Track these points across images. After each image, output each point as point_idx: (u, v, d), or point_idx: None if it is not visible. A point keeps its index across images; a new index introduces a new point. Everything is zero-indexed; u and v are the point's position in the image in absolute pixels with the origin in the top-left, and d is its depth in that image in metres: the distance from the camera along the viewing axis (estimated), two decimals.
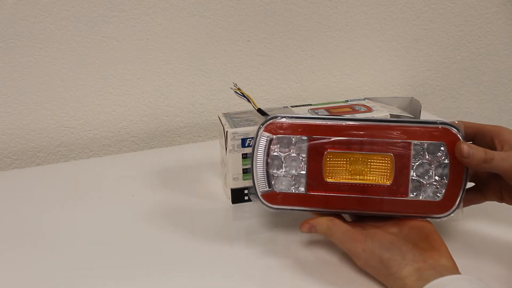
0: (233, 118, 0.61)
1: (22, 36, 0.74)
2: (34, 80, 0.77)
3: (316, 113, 0.60)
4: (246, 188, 0.61)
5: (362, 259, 0.47)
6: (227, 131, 0.57)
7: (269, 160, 0.50)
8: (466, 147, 0.47)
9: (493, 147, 0.49)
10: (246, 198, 0.61)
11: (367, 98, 0.68)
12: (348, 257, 0.50)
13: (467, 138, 0.51)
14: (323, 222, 0.50)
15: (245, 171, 0.60)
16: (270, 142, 0.50)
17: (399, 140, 0.49)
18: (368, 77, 0.95)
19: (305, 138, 0.50)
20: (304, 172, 0.50)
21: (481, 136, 0.51)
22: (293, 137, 0.50)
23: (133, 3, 0.76)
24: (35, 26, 0.74)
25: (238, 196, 0.61)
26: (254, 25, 0.84)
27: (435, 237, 0.48)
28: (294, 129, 0.50)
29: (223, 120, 0.61)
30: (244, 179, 0.60)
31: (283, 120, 0.50)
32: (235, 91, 0.62)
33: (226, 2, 0.81)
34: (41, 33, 0.74)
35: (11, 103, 0.77)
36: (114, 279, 0.49)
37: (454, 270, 0.44)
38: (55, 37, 0.75)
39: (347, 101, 0.67)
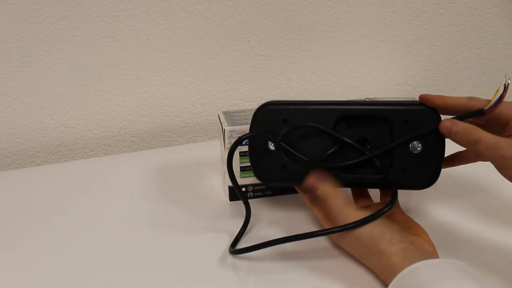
0: (232, 117, 0.61)
1: (22, 36, 0.74)
2: (34, 80, 0.77)
3: None
4: (244, 186, 0.61)
5: (355, 234, 0.47)
6: (224, 129, 0.58)
7: None
8: (449, 123, 0.47)
9: (502, 131, 0.47)
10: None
11: (368, 98, 0.67)
12: (349, 257, 0.50)
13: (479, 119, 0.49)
14: (326, 187, 0.50)
15: (242, 169, 0.60)
16: None
17: None
18: (368, 77, 0.95)
19: None
20: None
21: (497, 120, 0.48)
22: None
23: (133, 3, 0.76)
24: (35, 26, 0.74)
25: (236, 193, 0.61)
26: (254, 25, 0.84)
27: (418, 226, 0.50)
28: None
29: (222, 118, 0.61)
30: (241, 177, 0.60)
31: None
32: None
33: (226, 2, 0.81)
34: (41, 33, 0.74)
35: (11, 103, 0.77)
36: (114, 278, 0.49)
37: (436, 256, 0.46)
38: (55, 37, 0.75)
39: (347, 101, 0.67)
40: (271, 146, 0.52)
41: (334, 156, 0.52)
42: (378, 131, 0.51)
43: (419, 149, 0.50)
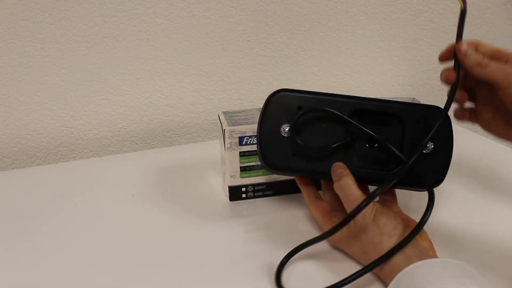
0: (232, 117, 0.61)
1: (22, 36, 0.74)
2: (34, 80, 0.77)
3: None
4: (244, 186, 0.61)
5: (363, 223, 0.47)
6: (224, 129, 0.58)
7: None
8: (465, 46, 0.49)
9: None
10: (243, 196, 0.62)
11: None
12: (349, 260, 0.50)
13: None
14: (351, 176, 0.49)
15: (242, 169, 0.60)
16: None
17: None
18: (368, 77, 0.95)
19: None
20: None
21: (498, 58, 0.49)
22: None
23: (133, 3, 0.76)
24: (35, 26, 0.74)
25: (235, 193, 0.61)
26: (254, 25, 0.84)
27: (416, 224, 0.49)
28: None
29: (222, 118, 0.61)
30: (241, 177, 0.60)
31: None
32: None
33: (226, 2, 0.81)
34: (41, 33, 0.74)
35: (11, 103, 0.77)
36: (114, 279, 0.49)
37: (433, 253, 0.46)
38: (55, 37, 0.75)
39: None
40: (284, 132, 0.52)
41: (345, 150, 0.52)
42: (389, 130, 0.52)
43: (430, 148, 0.51)
